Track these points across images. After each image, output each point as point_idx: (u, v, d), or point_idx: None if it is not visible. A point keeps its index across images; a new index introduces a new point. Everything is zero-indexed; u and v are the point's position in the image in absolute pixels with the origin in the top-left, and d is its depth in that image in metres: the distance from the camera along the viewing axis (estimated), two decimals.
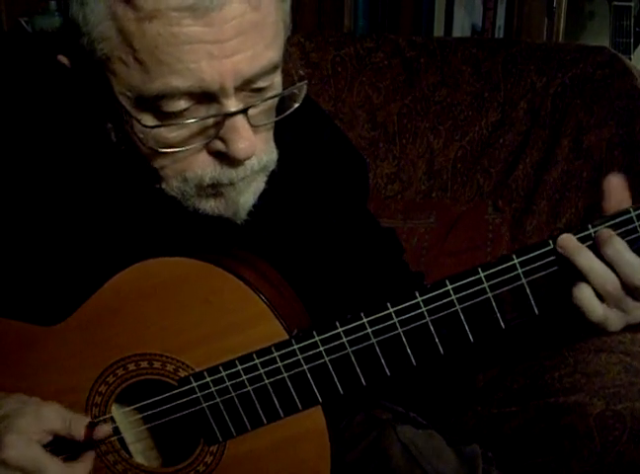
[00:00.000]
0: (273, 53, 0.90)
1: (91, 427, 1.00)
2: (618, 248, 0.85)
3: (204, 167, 0.94)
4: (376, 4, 2.42)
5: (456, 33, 2.43)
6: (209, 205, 0.97)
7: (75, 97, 1.00)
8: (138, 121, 0.90)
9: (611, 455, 1.25)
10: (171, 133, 0.90)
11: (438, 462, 1.21)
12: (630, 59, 2.41)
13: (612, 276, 0.86)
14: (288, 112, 0.96)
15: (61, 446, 1.01)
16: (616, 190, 0.88)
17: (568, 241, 0.87)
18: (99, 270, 0.98)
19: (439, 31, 2.44)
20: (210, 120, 0.90)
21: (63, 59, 0.95)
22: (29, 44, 1.14)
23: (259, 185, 0.99)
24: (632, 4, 2.47)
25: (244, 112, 0.90)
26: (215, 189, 0.95)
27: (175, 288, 0.96)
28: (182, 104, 0.88)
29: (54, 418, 0.99)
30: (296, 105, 0.96)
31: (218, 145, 0.92)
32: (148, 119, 0.90)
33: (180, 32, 0.84)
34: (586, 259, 0.86)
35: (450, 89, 1.91)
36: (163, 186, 0.97)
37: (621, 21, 2.46)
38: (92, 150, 1.02)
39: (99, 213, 1.03)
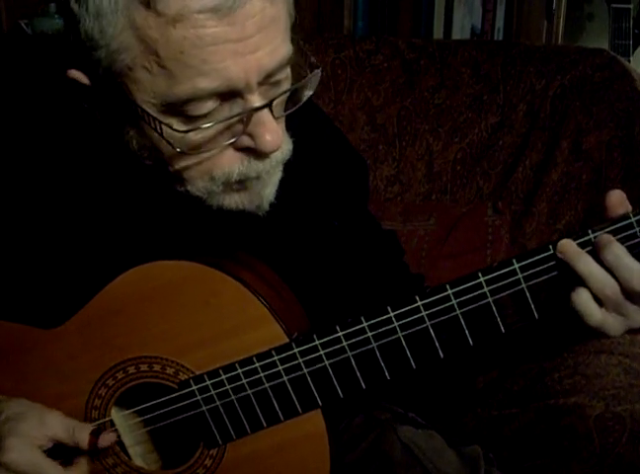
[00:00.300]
0: (288, 45, 0.91)
1: (95, 434, 1.00)
2: (618, 253, 0.85)
3: (232, 164, 0.94)
4: (376, 6, 2.42)
5: (456, 35, 2.43)
6: (234, 200, 0.98)
7: (80, 104, 1.00)
8: (169, 127, 0.89)
9: (611, 457, 1.25)
10: (199, 135, 0.91)
11: (439, 462, 1.21)
12: (629, 61, 2.42)
13: (612, 280, 0.87)
14: (304, 100, 0.97)
15: (60, 450, 1.01)
16: (616, 206, 0.89)
17: (568, 246, 0.88)
18: (103, 273, 0.98)
19: (438, 33, 2.43)
20: (237, 117, 0.91)
21: (76, 74, 0.93)
22: (28, 47, 1.13)
23: (278, 175, 1.00)
24: (631, 6, 2.47)
25: (269, 105, 0.90)
26: (242, 184, 0.96)
27: (175, 291, 0.97)
28: (208, 105, 0.88)
29: (57, 425, 0.99)
30: (311, 92, 0.97)
31: (245, 141, 0.92)
32: (177, 124, 0.90)
33: (205, 33, 0.84)
34: (585, 264, 0.87)
35: (450, 91, 1.91)
36: (188, 187, 0.97)
37: (620, 23, 2.46)
38: (101, 156, 1.02)
39: (108, 216, 1.03)
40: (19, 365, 1.03)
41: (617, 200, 0.89)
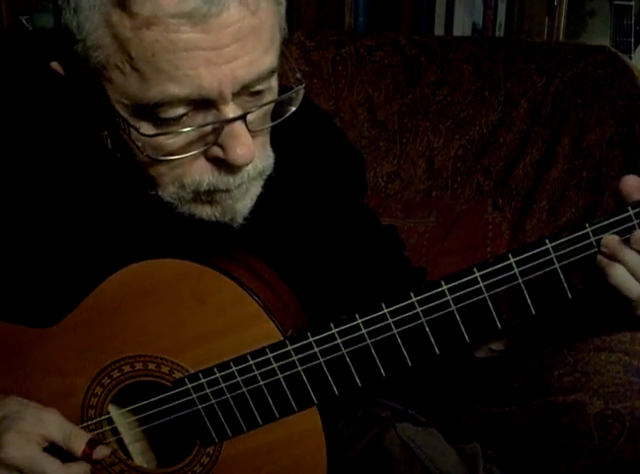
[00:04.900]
0: (270, 58, 0.90)
1: (91, 445, 1.00)
2: None
3: (202, 173, 0.93)
4: (377, 2, 2.42)
5: (457, 31, 2.43)
6: (206, 212, 0.97)
7: (71, 101, 1.00)
8: (137, 130, 0.89)
9: (610, 454, 1.24)
10: (169, 141, 0.90)
11: (439, 460, 1.20)
12: (631, 58, 2.40)
13: None
14: (285, 116, 0.95)
15: (56, 447, 1.01)
16: (632, 192, 0.88)
17: (612, 240, 0.88)
18: (92, 272, 0.98)
19: (439, 29, 2.43)
20: (209, 127, 0.89)
21: (56, 67, 0.94)
22: (29, 43, 1.14)
23: (256, 190, 0.98)
24: (632, 3, 2.46)
25: (243, 118, 0.89)
26: (211, 195, 0.95)
27: (169, 290, 0.96)
28: (180, 110, 0.87)
29: (54, 426, 0.99)
30: (294, 108, 0.95)
31: (217, 152, 0.91)
32: (146, 127, 0.89)
33: (178, 38, 0.83)
34: (629, 254, 0.88)
35: (451, 88, 1.91)
36: (159, 192, 0.96)
37: (622, 20, 2.45)
38: (87, 156, 1.01)
39: (93, 217, 1.02)
40: (14, 365, 1.03)
41: (633, 186, 0.88)
